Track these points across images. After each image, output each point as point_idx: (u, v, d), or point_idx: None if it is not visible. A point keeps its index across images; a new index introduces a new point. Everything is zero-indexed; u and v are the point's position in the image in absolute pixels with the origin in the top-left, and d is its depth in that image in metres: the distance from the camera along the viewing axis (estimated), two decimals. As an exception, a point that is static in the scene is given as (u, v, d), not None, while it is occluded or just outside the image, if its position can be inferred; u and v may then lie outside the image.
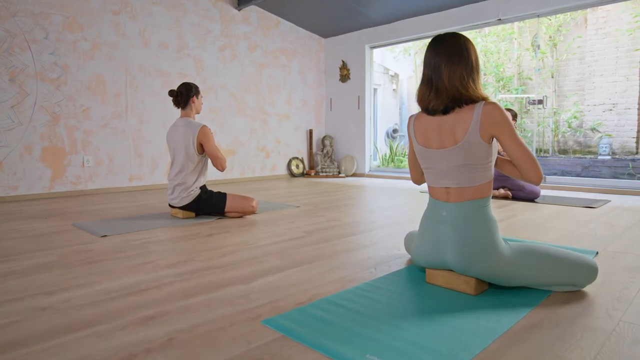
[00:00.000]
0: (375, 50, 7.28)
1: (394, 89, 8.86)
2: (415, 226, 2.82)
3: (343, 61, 6.85)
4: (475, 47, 1.64)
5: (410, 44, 8.66)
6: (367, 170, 6.76)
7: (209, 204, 3.07)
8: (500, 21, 5.30)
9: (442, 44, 1.56)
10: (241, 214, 3.14)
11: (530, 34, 6.97)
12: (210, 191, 3.13)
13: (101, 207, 3.71)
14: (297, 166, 6.76)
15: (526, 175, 1.52)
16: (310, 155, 6.93)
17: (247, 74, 6.06)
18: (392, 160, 7.43)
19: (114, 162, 4.83)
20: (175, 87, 4.74)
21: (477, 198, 1.55)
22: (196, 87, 3.16)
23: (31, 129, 4.28)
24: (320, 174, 6.73)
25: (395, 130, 8.61)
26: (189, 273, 1.84)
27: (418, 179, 1.87)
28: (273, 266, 1.93)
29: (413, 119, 1.70)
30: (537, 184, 1.53)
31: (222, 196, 3.09)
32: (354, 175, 6.81)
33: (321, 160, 6.85)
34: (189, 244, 2.37)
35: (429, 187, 1.69)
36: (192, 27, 5.44)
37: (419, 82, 1.69)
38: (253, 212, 3.15)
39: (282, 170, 6.63)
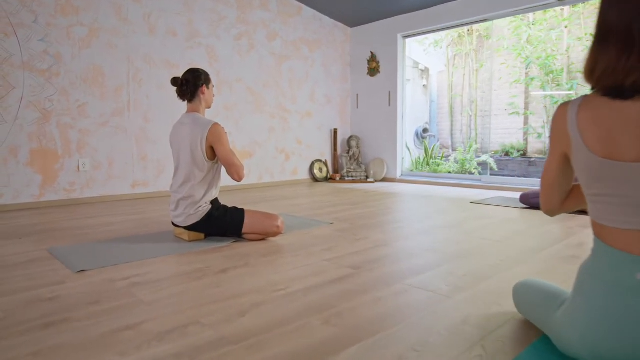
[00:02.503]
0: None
1: (424, 85, 8.12)
2: (506, 261, 2.10)
3: (372, 53, 6.14)
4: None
5: (442, 34, 7.91)
6: (398, 175, 6.04)
7: (222, 224, 2.40)
8: (561, 2, 4.53)
9: None
10: (263, 236, 2.46)
11: (584, 21, 6.17)
12: (224, 207, 2.46)
13: (93, 222, 3.06)
14: (321, 170, 6.07)
15: None
16: (335, 157, 6.23)
17: (265, 67, 5.40)
18: (428, 164, 6.68)
19: (114, 166, 4.20)
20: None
21: None
22: (206, 75, 2.49)
23: (17, 128, 3.66)
24: (346, 178, 6.03)
25: (425, 130, 7.87)
26: (190, 354, 1.16)
27: (557, 206, 1.15)
28: (319, 341, 1.24)
29: (575, 108, 0.99)
30: None
31: (239, 214, 2.42)
32: (383, 180, 6.10)
33: (347, 163, 6.15)
34: (193, 287, 1.69)
35: (603, 228, 0.97)
36: (204, 13, 4.79)
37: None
38: (278, 234, 2.47)
39: (304, 175, 5.94)
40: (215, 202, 2.45)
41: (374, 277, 1.81)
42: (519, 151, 7.19)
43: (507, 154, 7.35)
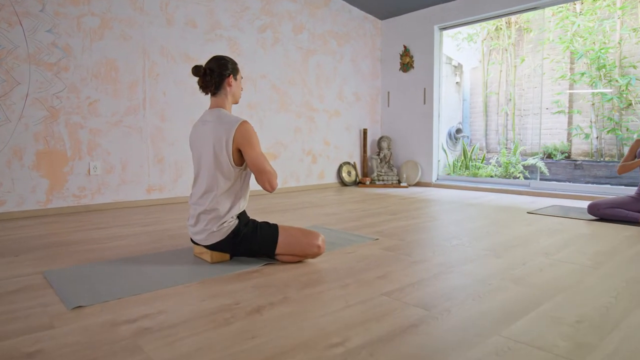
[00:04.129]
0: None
1: (457, 82, 7.60)
2: (621, 299, 1.63)
3: (405, 46, 5.67)
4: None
5: (477, 27, 7.38)
6: (434, 179, 5.55)
7: (251, 243, 1.98)
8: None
9: None
10: (300, 258, 2.03)
11: (640, 10, 5.59)
12: (253, 222, 2.03)
13: (102, 234, 2.68)
14: (349, 173, 5.62)
15: None
16: (364, 160, 5.78)
17: (291, 62, 4.98)
18: (467, 167, 6.17)
19: (127, 169, 3.83)
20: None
21: None
22: (234, 64, 2.07)
23: (22, 127, 3.32)
24: (377, 182, 5.57)
25: (458, 131, 7.34)
26: None
27: None
28: None
29: None
30: None
31: (271, 231, 1.99)
32: (417, 184, 5.62)
33: (377, 166, 5.69)
34: (220, 337, 1.27)
35: None
36: (226, 2, 4.40)
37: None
38: (318, 255, 2.03)
39: (331, 178, 5.50)
40: (242, 216, 2.03)
41: (455, 323, 1.36)
42: (562, 153, 6.62)
43: (549, 156, 6.78)
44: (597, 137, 6.26)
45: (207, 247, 2.00)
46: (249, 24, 4.58)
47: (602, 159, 6.28)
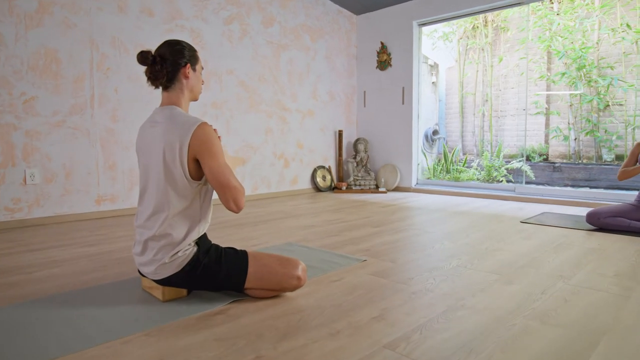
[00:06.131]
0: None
1: (433, 82, 7.36)
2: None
3: (382, 43, 5.35)
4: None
5: (453, 26, 7.17)
6: (413, 184, 5.26)
7: (214, 276, 1.57)
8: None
9: None
10: (276, 292, 1.64)
11: (619, 10, 5.48)
12: (216, 248, 1.63)
13: (34, 259, 2.20)
14: (324, 178, 5.26)
15: None
16: (340, 163, 5.42)
17: (261, 57, 4.57)
18: (448, 171, 5.90)
19: (73, 177, 3.33)
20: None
21: None
22: (192, 50, 1.66)
23: (-61, 128, 2.78)
24: (354, 187, 5.23)
25: (435, 132, 7.11)
26: None
27: None
28: None
29: None
30: None
31: (239, 261, 1.59)
32: (396, 189, 5.31)
33: (353, 170, 5.35)
34: None
35: None
36: (187, -11, 3.94)
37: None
38: (298, 288, 1.65)
39: (305, 184, 5.12)
40: (202, 242, 1.62)
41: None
42: (540, 155, 6.48)
43: (527, 158, 6.63)
44: (575, 139, 6.14)
45: (157, 281, 1.58)
46: (214, 14, 4.14)
47: (580, 161, 6.17)
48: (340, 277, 1.91)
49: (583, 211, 3.69)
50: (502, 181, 5.73)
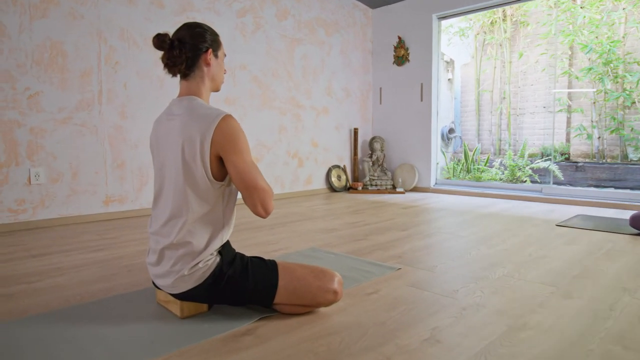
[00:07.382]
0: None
1: (449, 79, 7.14)
2: None
3: (399, 38, 5.15)
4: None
5: (470, 21, 6.95)
6: (432, 184, 5.05)
7: (239, 290, 1.38)
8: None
9: None
10: (309, 308, 1.44)
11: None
12: (242, 257, 1.43)
13: (36, 266, 2.02)
14: (339, 178, 5.06)
15: None
16: (355, 163, 5.22)
17: (274, 52, 4.38)
18: (468, 171, 5.69)
19: (79, 176, 3.16)
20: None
21: None
22: (214, 35, 1.47)
23: (-62, 125, 2.61)
24: (369, 188, 5.03)
25: (451, 131, 6.89)
26: None
27: None
28: None
29: None
30: None
31: (268, 273, 1.40)
32: (414, 189, 5.10)
33: (369, 169, 5.15)
34: None
35: None
36: (199, -20, 3.76)
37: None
38: (333, 303, 1.45)
39: (320, 184, 4.93)
40: (226, 251, 1.42)
41: None
42: (562, 154, 6.24)
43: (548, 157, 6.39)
44: (599, 138, 5.89)
45: (175, 295, 1.39)
46: (226, 7, 3.96)
47: (604, 161, 5.93)
48: (375, 288, 1.71)
49: (619, 213, 3.47)
50: (526, 181, 5.50)
